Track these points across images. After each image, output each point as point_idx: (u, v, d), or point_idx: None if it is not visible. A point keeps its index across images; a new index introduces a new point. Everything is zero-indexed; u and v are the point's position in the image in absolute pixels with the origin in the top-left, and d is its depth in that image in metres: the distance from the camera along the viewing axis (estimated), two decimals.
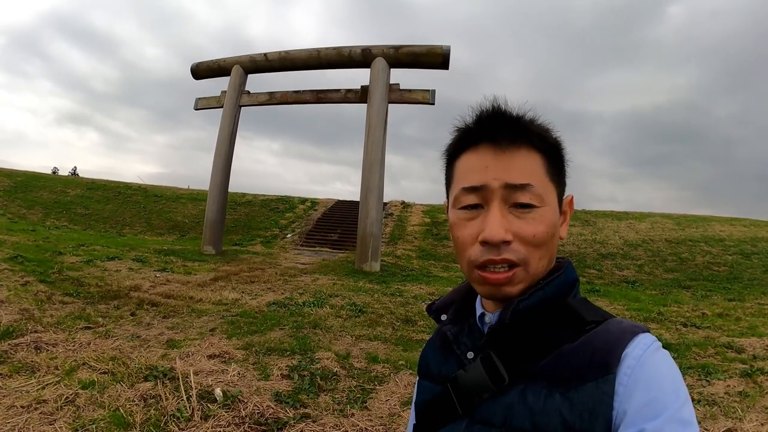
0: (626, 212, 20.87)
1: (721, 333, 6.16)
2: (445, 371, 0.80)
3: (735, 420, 3.40)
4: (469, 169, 0.73)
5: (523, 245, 0.69)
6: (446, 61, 11.50)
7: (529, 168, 0.71)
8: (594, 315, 0.71)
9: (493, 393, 0.70)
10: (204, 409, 3.15)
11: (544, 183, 0.71)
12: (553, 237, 0.72)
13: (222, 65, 13.93)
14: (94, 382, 3.35)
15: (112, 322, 5.24)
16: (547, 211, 0.71)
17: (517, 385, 0.68)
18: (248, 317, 5.91)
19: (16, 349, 3.90)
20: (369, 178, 11.44)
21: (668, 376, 0.62)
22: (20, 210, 19.04)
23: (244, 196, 22.60)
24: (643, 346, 0.64)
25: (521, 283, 0.71)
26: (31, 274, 7.04)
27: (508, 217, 0.69)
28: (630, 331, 0.66)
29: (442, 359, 0.82)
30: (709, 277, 13.07)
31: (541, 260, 0.71)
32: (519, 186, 0.69)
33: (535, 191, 0.70)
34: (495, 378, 0.70)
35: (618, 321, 0.70)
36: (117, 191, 22.99)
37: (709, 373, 4.49)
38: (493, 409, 0.69)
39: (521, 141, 0.71)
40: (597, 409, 0.61)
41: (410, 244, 16.18)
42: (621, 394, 0.61)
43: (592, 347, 0.66)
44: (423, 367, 0.87)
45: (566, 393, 0.64)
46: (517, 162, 0.71)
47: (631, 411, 0.60)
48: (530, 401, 0.66)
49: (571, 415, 0.62)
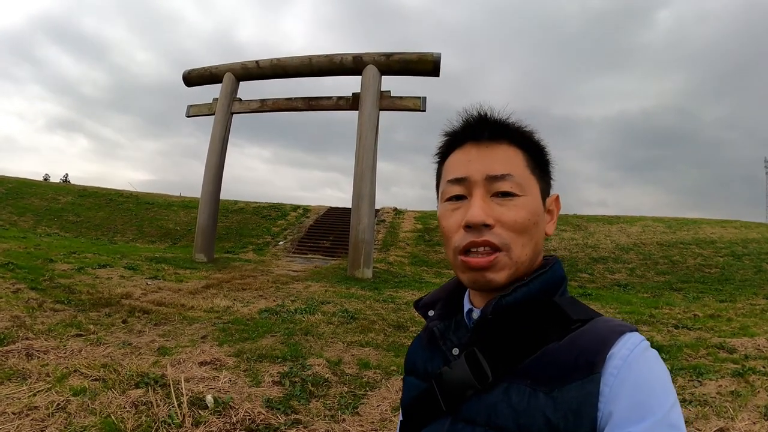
0: (617, 216, 21.03)
1: (712, 334, 6.21)
2: (431, 368, 0.79)
3: (727, 420, 3.44)
4: (454, 165, 0.78)
5: (505, 230, 0.71)
6: (437, 68, 11.60)
7: (510, 160, 0.75)
8: (581, 314, 0.70)
9: (477, 390, 0.69)
10: (195, 415, 3.16)
11: (525, 175, 0.75)
12: (536, 226, 0.74)
13: (214, 72, 13.95)
14: (86, 388, 3.35)
15: (103, 329, 5.23)
16: (528, 200, 0.73)
17: (501, 383, 0.68)
18: (240, 324, 5.91)
19: (7, 356, 3.89)
20: (361, 185, 11.48)
21: (656, 378, 0.61)
22: (11, 217, 18.89)
23: (236, 203, 22.57)
24: (631, 345, 0.63)
25: (505, 270, 0.71)
26: (23, 281, 7.00)
27: (490, 204, 0.72)
28: (617, 331, 0.65)
29: (428, 356, 0.82)
30: (701, 279, 13.20)
31: (524, 248, 0.72)
32: (500, 176, 0.73)
33: (516, 181, 0.73)
34: (479, 375, 0.70)
35: (605, 320, 0.69)
36: (108, 198, 22.87)
37: (701, 374, 4.52)
38: (477, 407, 0.69)
39: (502, 138, 0.77)
40: (581, 410, 0.60)
41: (402, 250, 16.22)
42: (607, 395, 0.60)
43: (577, 346, 0.65)
44: (409, 364, 0.87)
45: (550, 393, 0.63)
46: (498, 155, 0.75)
47: (617, 413, 0.59)
48: (514, 400, 0.65)
49: (555, 415, 0.61)
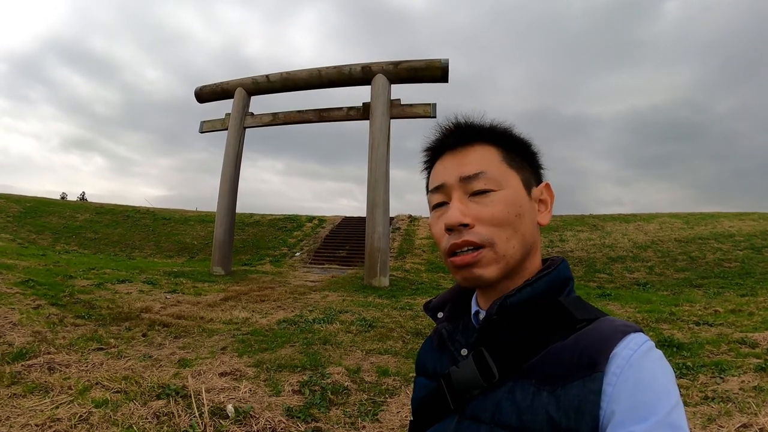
0: (634, 214, 20.75)
1: (734, 329, 6.09)
2: (439, 368, 0.81)
3: (750, 415, 3.35)
4: (434, 175, 0.81)
5: (485, 226, 0.72)
6: (445, 74, 11.61)
7: (482, 159, 0.76)
8: (585, 313, 0.70)
9: (483, 389, 0.70)
10: (216, 425, 3.17)
11: (501, 169, 0.76)
12: (519, 217, 0.74)
13: (225, 88, 14.13)
14: (108, 400, 3.38)
15: (124, 343, 5.28)
16: (505, 193, 0.74)
17: (507, 382, 0.69)
18: (259, 335, 5.92)
19: (30, 369, 3.95)
20: (374, 194, 11.49)
21: (659, 378, 0.61)
22: (30, 235, 19.26)
23: (251, 216, 22.75)
24: (634, 345, 0.63)
25: (492, 265, 0.72)
26: (43, 297, 7.10)
27: (468, 204, 0.74)
28: (621, 330, 0.66)
29: (437, 357, 0.84)
30: (721, 273, 12.92)
31: (509, 240, 0.72)
32: (472, 176, 0.74)
33: (490, 177, 0.74)
34: (485, 374, 0.71)
35: (610, 320, 0.69)
36: (126, 215, 23.23)
37: (723, 370, 4.45)
38: (483, 405, 0.70)
39: (473, 140, 0.78)
40: (583, 408, 0.60)
41: (418, 257, 16.17)
42: (609, 394, 0.60)
43: (581, 346, 0.65)
44: (420, 365, 0.89)
45: (554, 391, 0.63)
46: (470, 157, 0.77)
47: (620, 412, 0.58)
48: (518, 398, 0.66)
49: (557, 413, 0.62)
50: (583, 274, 14.06)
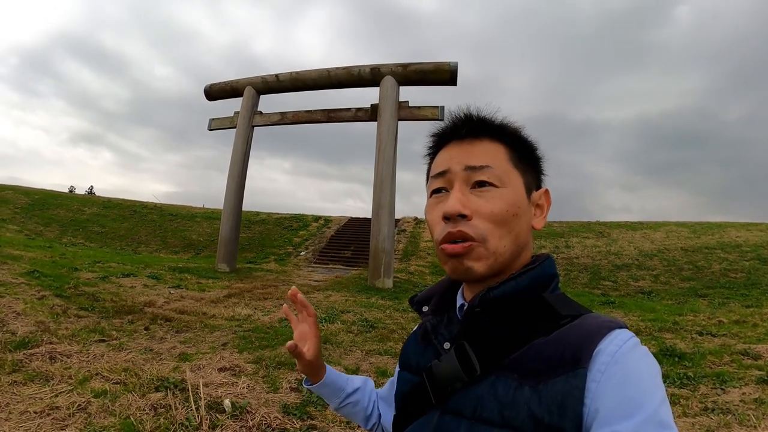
0: (640, 222, 20.68)
1: (737, 340, 6.05)
2: (423, 362, 0.81)
3: (749, 428, 3.33)
4: (438, 162, 0.80)
5: (482, 221, 0.72)
6: (454, 77, 11.60)
7: (490, 153, 0.76)
8: (569, 310, 0.70)
9: (465, 383, 0.70)
10: (212, 419, 3.18)
11: (506, 168, 0.75)
12: (516, 218, 0.74)
13: (234, 86, 14.20)
14: (107, 391, 3.41)
15: (125, 335, 5.31)
16: (507, 192, 0.74)
17: (488, 377, 0.68)
18: (260, 332, 5.94)
19: (31, 358, 3.99)
20: (380, 195, 11.49)
21: (645, 374, 0.60)
22: (37, 227, 19.45)
23: (258, 214, 22.83)
24: (619, 342, 0.63)
25: (482, 260, 0.72)
26: (48, 288, 7.16)
27: (468, 195, 0.73)
28: (605, 327, 0.65)
29: (421, 350, 0.84)
30: (726, 284, 12.82)
31: (502, 239, 0.72)
32: (478, 167, 0.74)
33: (494, 172, 0.74)
34: (467, 368, 0.70)
35: (594, 316, 0.69)
36: (132, 210, 23.38)
37: (724, 381, 4.41)
38: (464, 399, 0.69)
39: (483, 134, 0.78)
40: (566, 404, 0.60)
41: (423, 260, 16.15)
42: (593, 391, 0.59)
43: (565, 341, 0.65)
44: (403, 359, 0.89)
45: (536, 386, 0.63)
46: (478, 149, 0.77)
47: (604, 409, 0.58)
48: (500, 393, 0.65)
49: (539, 409, 0.61)
50: (587, 281, 13.99)
